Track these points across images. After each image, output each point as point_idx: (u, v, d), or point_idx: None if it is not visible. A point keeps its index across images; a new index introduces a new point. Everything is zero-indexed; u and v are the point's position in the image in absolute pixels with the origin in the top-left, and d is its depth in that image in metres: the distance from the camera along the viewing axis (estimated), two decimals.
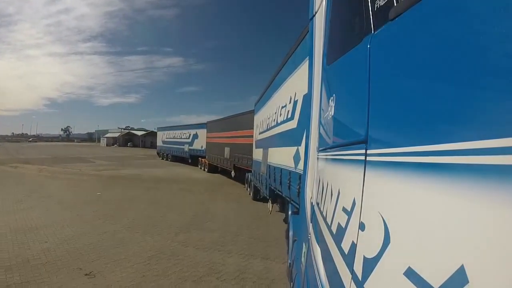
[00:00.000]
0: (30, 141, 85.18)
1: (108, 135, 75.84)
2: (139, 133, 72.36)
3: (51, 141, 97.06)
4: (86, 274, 3.85)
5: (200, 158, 19.21)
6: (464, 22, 0.50)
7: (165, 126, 29.09)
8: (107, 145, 66.29)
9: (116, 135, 73.29)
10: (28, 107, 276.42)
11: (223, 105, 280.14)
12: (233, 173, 13.82)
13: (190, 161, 21.06)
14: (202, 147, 18.51)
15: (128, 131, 76.11)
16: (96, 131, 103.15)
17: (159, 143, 28.19)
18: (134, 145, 66.53)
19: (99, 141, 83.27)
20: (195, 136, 19.85)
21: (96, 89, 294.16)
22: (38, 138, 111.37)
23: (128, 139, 70.29)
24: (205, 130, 18.12)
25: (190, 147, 20.62)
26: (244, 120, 11.43)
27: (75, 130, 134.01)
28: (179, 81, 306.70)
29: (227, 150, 13.98)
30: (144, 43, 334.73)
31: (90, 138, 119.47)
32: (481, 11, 0.47)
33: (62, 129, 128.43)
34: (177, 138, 23.22)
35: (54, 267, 4.03)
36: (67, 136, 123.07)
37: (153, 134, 66.84)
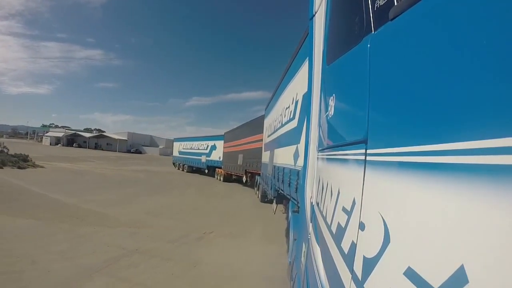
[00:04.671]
0: None
1: (50, 133, 73.60)
2: (87, 134, 71.47)
3: None
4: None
5: (217, 169, 19.54)
6: (463, 21, 0.50)
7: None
8: (50, 144, 63.87)
9: (60, 134, 71.48)
10: None
11: (141, 105, 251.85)
12: (244, 179, 13.90)
13: (207, 171, 21.28)
14: (219, 158, 18.82)
15: (74, 131, 75.10)
16: (28, 127, 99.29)
17: (175, 153, 28.41)
18: (79, 146, 64.56)
19: (32, 138, 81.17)
20: (213, 147, 20.15)
21: (6, 75, 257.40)
22: None
23: (72, 140, 68.70)
24: (222, 142, 18.43)
25: (208, 158, 20.81)
26: (256, 125, 11.48)
27: None
28: (96, 76, 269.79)
29: (240, 157, 14.14)
30: (64, 30, 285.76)
31: (14, 133, 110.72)
32: (481, 11, 0.47)
33: None
34: (195, 149, 23.32)
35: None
36: None
37: (100, 137, 67.19)
